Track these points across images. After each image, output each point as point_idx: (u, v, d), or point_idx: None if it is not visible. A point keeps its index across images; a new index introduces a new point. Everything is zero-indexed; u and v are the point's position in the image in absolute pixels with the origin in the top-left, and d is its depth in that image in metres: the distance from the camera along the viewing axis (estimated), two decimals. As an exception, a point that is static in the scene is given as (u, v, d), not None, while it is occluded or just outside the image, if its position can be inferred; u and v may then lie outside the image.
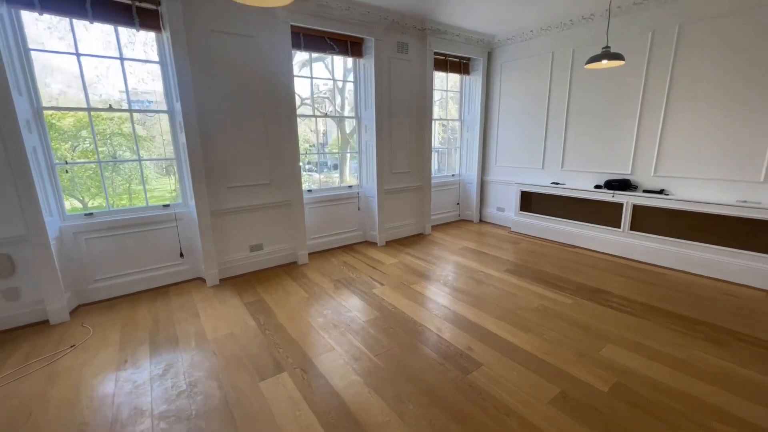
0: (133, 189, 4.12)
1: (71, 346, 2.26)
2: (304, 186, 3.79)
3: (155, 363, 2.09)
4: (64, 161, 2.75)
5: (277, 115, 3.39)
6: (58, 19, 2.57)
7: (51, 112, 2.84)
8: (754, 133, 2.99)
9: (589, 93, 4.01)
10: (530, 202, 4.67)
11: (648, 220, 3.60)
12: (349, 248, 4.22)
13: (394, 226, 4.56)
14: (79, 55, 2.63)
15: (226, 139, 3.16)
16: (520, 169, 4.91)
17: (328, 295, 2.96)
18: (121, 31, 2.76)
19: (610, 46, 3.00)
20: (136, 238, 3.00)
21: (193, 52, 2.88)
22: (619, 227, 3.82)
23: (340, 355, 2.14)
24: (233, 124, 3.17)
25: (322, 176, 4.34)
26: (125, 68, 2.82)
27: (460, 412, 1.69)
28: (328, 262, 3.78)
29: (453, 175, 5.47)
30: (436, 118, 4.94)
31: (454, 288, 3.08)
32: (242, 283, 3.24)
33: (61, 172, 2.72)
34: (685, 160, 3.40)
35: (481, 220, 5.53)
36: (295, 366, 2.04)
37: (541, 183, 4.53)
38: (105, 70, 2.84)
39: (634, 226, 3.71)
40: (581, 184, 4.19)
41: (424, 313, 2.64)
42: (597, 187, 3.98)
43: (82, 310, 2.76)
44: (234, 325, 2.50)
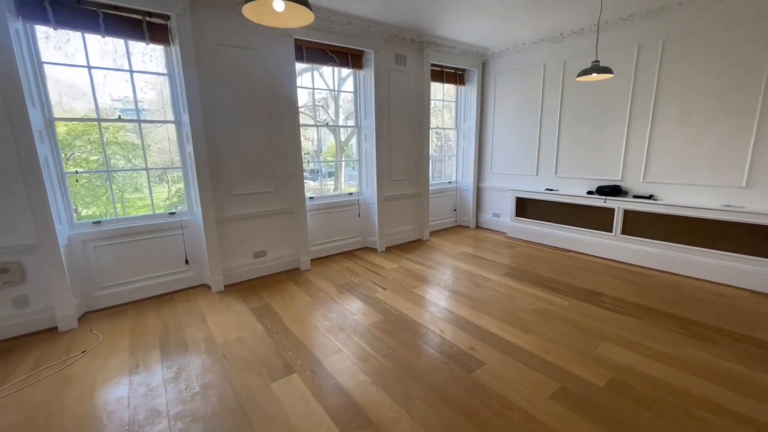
0: (126, 198, 4.13)
1: (82, 352, 2.30)
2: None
3: (167, 367, 2.14)
4: (74, 171, 2.81)
5: (280, 125, 3.49)
6: (55, 31, 2.58)
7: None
8: (736, 141, 3.16)
9: (580, 103, 4.18)
10: (525, 207, 4.81)
11: (638, 225, 3.75)
12: (350, 254, 4.30)
13: (393, 232, 4.66)
14: (90, 68, 2.72)
15: (231, 148, 3.25)
16: (514, 176, 5.06)
17: (332, 300, 3.04)
18: (119, 42, 2.82)
19: (599, 60, 3.18)
20: (143, 245, 3.06)
21: (201, 65, 2.98)
22: (611, 231, 3.96)
23: (348, 357, 2.21)
24: (238, 133, 3.27)
25: (317, 184, 4.41)
26: (124, 77, 2.90)
27: (466, 408, 1.77)
28: (330, 267, 3.85)
29: (450, 182, 5.60)
30: (433, 126, 5.08)
31: (454, 291, 3.17)
32: (247, 289, 3.30)
33: (72, 181, 2.78)
34: (672, 167, 3.57)
35: (478, 226, 5.66)
36: (305, 367, 2.11)
37: (535, 189, 4.67)
38: (102, 79, 2.88)
39: (626, 231, 3.85)
40: (574, 191, 4.34)
41: (427, 316, 2.72)
42: (589, 193, 4.13)
43: (89, 317, 2.79)
44: (242, 330, 2.56)
